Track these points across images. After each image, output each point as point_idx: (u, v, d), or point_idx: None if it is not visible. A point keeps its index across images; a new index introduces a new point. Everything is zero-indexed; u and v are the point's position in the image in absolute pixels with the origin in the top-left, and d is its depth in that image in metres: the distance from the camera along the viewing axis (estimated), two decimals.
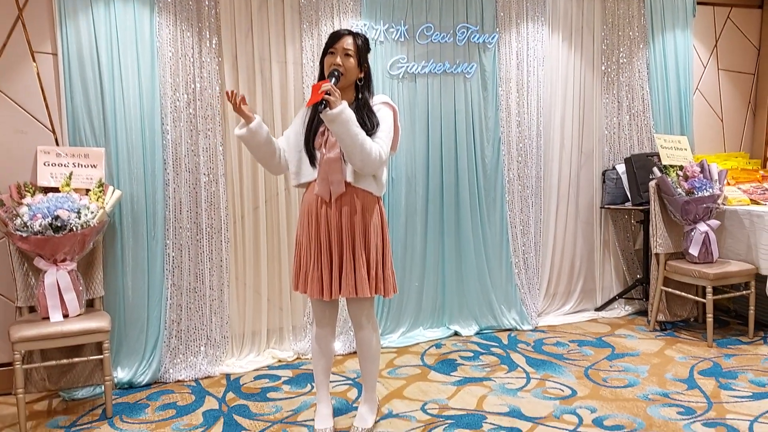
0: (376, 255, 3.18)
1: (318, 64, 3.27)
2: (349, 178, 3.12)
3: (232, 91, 3.07)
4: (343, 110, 2.94)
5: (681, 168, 4.92)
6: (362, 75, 3.21)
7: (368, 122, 3.11)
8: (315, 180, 3.18)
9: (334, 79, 3.04)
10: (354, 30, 3.24)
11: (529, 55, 5.10)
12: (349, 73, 3.12)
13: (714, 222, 4.77)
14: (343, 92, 3.13)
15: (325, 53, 3.17)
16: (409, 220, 4.85)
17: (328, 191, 3.14)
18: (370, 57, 3.31)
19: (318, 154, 3.17)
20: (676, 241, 4.96)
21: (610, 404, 3.69)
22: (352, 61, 3.12)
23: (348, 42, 3.12)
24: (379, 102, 3.22)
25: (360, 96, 3.21)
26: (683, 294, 4.89)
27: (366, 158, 3.02)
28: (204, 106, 4.23)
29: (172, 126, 4.16)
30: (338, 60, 3.10)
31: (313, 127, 3.20)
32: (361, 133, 3.00)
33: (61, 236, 3.56)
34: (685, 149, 5.15)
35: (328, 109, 2.92)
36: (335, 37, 3.15)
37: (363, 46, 3.18)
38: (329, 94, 2.91)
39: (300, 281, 3.27)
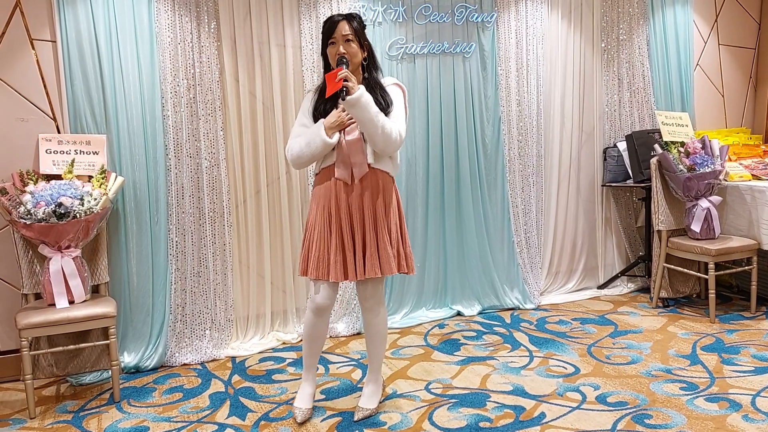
0: (397, 233, 3.23)
1: (320, 52, 3.26)
2: (370, 159, 3.15)
3: (344, 110, 3.10)
4: (362, 94, 2.99)
5: (682, 144, 4.91)
6: (365, 54, 3.23)
7: (383, 101, 3.14)
8: (333, 164, 3.18)
9: (345, 66, 3.07)
10: (345, 13, 3.23)
11: (528, 34, 5.07)
12: (354, 57, 3.15)
13: (716, 198, 4.76)
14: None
15: (325, 44, 3.18)
16: (410, 201, 4.86)
17: (349, 174, 3.15)
18: (369, 37, 3.32)
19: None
20: (678, 218, 4.97)
21: (613, 381, 3.71)
22: (354, 45, 3.15)
23: (345, 28, 3.13)
24: (390, 83, 3.27)
25: (367, 75, 3.23)
26: (685, 270, 4.90)
27: (387, 139, 3.06)
28: (204, 91, 4.23)
29: (173, 111, 4.17)
30: (341, 49, 3.11)
31: (321, 113, 3.21)
32: (381, 115, 3.04)
33: (65, 223, 3.57)
34: (686, 125, 5.14)
35: (348, 96, 2.97)
36: (331, 26, 3.15)
37: (359, 27, 3.19)
38: (347, 81, 2.96)
39: (310, 266, 3.21)
